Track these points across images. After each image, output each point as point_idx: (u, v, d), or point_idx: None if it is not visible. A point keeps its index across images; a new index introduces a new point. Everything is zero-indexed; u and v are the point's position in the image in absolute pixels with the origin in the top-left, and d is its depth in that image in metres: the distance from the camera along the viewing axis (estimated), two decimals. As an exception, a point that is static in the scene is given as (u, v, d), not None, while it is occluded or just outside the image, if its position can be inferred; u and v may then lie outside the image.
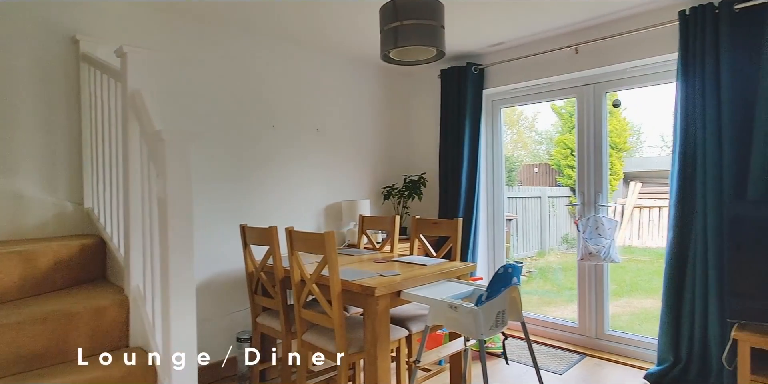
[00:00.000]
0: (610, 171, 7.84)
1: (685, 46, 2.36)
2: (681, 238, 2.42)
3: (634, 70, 2.81)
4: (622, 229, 7.55)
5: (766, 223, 2.06)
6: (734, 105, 2.22)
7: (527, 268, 6.48)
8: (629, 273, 5.93)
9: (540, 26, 2.85)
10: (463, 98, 3.39)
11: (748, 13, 2.20)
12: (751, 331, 2.09)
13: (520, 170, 9.65)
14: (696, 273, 2.34)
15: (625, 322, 4.09)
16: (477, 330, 1.80)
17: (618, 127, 7.49)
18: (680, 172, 2.40)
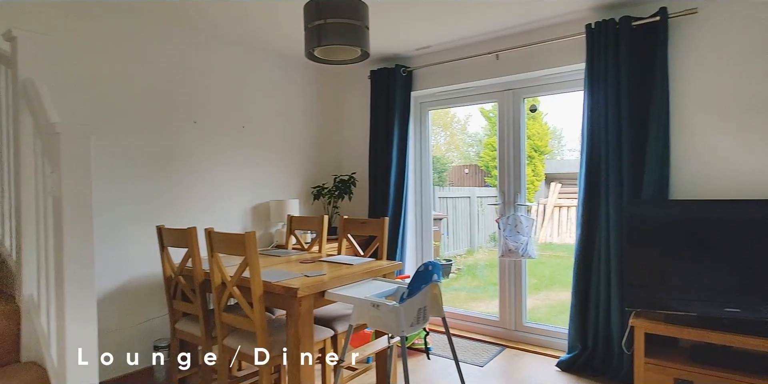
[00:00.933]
0: (533, 172, 8.37)
1: (591, 57, 2.56)
2: (587, 235, 2.62)
3: (549, 78, 2.99)
4: (544, 227, 8.05)
5: (656, 221, 2.29)
6: (632, 113, 2.44)
7: (456, 265, 6.69)
8: (549, 268, 6.32)
9: (464, 32, 2.96)
10: (392, 99, 3.44)
11: (644, 29, 2.43)
12: (645, 318, 2.30)
13: (451, 171, 9.97)
14: (600, 267, 2.55)
15: (543, 314, 4.36)
16: (398, 327, 1.83)
17: (540, 131, 7.98)
18: (587, 174, 2.60)
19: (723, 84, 2.32)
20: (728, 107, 2.31)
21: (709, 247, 2.19)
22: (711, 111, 2.36)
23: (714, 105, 2.35)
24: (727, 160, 2.32)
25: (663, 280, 2.27)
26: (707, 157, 2.37)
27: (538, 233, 7.95)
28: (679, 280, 2.23)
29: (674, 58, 2.44)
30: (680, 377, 2.15)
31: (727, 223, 2.15)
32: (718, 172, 2.35)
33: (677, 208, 2.27)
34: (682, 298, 2.22)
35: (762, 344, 1.98)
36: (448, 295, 5.20)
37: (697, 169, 2.40)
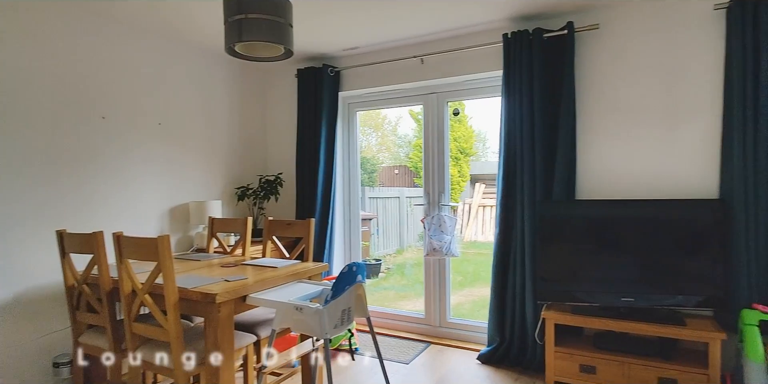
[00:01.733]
0: (459, 173, 8.66)
1: (508, 64, 2.71)
2: (505, 233, 2.76)
3: (471, 83, 3.12)
4: (469, 226, 8.39)
5: (565, 220, 2.47)
6: (544, 119, 2.62)
7: (386, 264, 6.78)
8: (473, 265, 6.59)
9: (390, 35, 3.00)
10: (320, 99, 3.41)
11: (554, 41, 2.61)
12: (555, 310, 2.48)
13: (381, 171, 10.09)
14: (516, 263, 2.70)
15: (467, 309, 4.54)
16: (322, 330, 1.82)
17: (466, 134, 8.31)
18: (504, 176, 2.74)
19: (619, 94, 2.56)
20: (624, 115, 2.55)
21: (610, 243, 2.40)
22: (610, 119, 2.59)
23: (612, 113, 2.58)
24: (625, 164, 2.56)
25: (571, 274, 2.45)
26: (608, 160, 2.60)
27: (463, 232, 8.27)
28: (585, 274, 2.43)
29: (580, 69, 2.65)
30: (585, 363, 2.34)
31: (625, 220, 2.38)
32: (617, 174, 2.58)
33: (582, 208, 2.47)
34: (587, 290, 2.41)
35: (652, 329, 2.21)
36: (378, 295, 5.25)
37: (600, 172, 2.62)
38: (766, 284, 2.15)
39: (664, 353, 2.24)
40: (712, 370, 2.07)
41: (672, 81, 2.43)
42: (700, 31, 2.36)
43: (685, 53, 2.40)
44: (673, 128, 2.44)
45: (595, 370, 2.31)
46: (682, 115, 2.42)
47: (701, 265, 2.23)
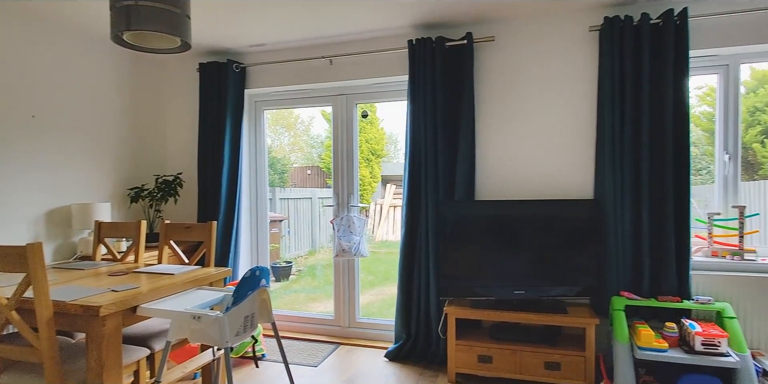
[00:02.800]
0: (370, 174, 8.77)
1: (413, 70, 2.80)
2: (411, 232, 2.85)
3: (379, 86, 3.18)
4: (381, 226, 8.54)
5: (465, 219, 2.62)
6: (446, 124, 2.75)
7: (297, 266, 6.66)
8: (384, 264, 6.72)
9: (297, 34, 2.96)
10: (224, 96, 3.25)
11: (456, 49, 2.76)
12: (457, 306, 2.61)
13: (293, 172, 9.90)
14: (421, 261, 2.80)
15: (377, 308, 4.62)
16: (222, 338, 1.73)
17: (377, 136, 8.46)
18: (409, 177, 2.83)
19: (514, 102, 2.77)
20: (518, 122, 2.77)
21: (505, 240, 2.58)
22: (506, 125, 2.79)
23: (508, 120, 2.78)
24: (519, 167, 2.78)
25: (471, 270, 2.60)
26: (505, 163, 2.80)
27: (375, 232, 8.41)
28: (483, 270, 2.59)
29: (479, 77, 2.82)
30: (482, 354, 2.49)
31: (519, 219, 2.57)
32: (513, 176, 2.79)
33: (481, 208, 2.64)
34: (485, 285, 2.58)
35: (540, 319, 2.42)
36: (288, 298, 5.14)
37: (497, 174, 2.82)
38: (630, 274, 2.46)
39: (550, 340, 2.46)
40: (588, 352, 2.33)
41: (559, 93, 2.69)
42: (579, 49, 2.64)
43: (568, 68, 2.67)
44: (559, 136, 2.69)
45: (492, 359, 2.48)
46: (566, 125, 2.68)
47: (581, 258, 2.49)
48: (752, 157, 6.18)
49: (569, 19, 2.65)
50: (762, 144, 6.07)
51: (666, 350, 2.12)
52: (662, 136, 2.37)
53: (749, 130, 6.24)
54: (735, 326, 2.12)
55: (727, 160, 2.54)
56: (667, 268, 2.35)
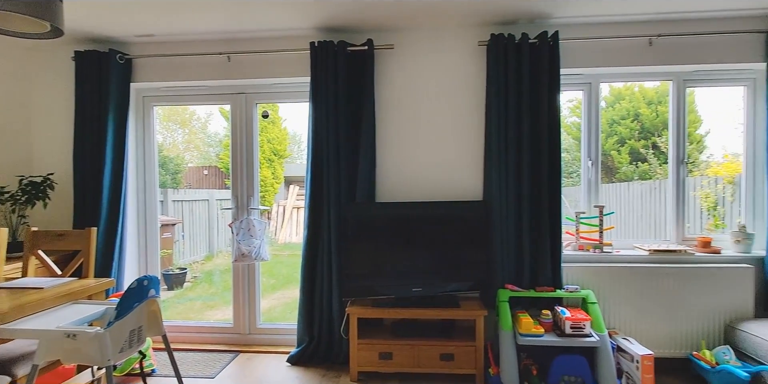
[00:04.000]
0: (273, 175, 8.54)
1: (315, 72, 2.81)
2: (313, 234, 2.85)
3: (280, 86, 3.12)
4: (284, 228, 8.36)
5: (366, 221, 2.68)
6: (348, 127, 2.79)
7: (193, 273, 6.27)
8: (287, 267, 6.59)
9: (191, 27, 2.80)
10: (106, 89, 2.96)
11: (357, 55, 2.81)
12: (359, 305, 2.67)
13: (188, 172, 9.26)
14: (324, 263, 2.81)
15: (279, 313, 4.52)
16: (103, 356, 1.59)
17: (280, 136, 8.26)
18: (312, 179, 2.83)
19: (412, 109, 2.90)
20: (417, 128, 2.90)
21: (405, 240, 2.69)
22: (406, 130, 2.91)
23: (408, 125, 2.91)
24: (418, 170, 2.91)
25: (373, 270, 2.67)
26: (404, 166, 2.92)
27: (278, 234, 8.20)
28: (385, 269, 2.67)
29: (380, 83, 2.91)
30: (383, 351, 2.58)
31: (417, 219, 2.70)
32: (412, 179, 2.92)
33: (382, 209, 2.72)
34: (386, 284, 2.66)
35: (435, 313, 2.57)
36: (182, 307, 4.81)
37: (397, 177, 2.93)
38: (514, 268, 2.71)
39: (445, 333, 2.63)
40: (478, 341, 2.52)
41: (452, 101, 2.87)
42: (470, 61, 2.85)
43: (460, 78, 2.86)
44: (453, 141, 2.88)
45: (392, 355, 2.57)
46: (459, 131, 2.87)
47: (472, 255, 2.69)
48: (611, 163, 7.18)
49: (461, 33, 2.85)
50: (618, 152, 7.08)
51: (542, 335, 2.38)
52: (539, 143, 2.66)
53: (608, 139, 7.24)
54: (596, 310, 2.45)
55: (590, 165, 2.92)
56: (543, 261, 2.64)
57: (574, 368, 2.35)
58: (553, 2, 2.48)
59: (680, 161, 2.87)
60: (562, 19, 2.72)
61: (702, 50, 2.71)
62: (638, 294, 2.64)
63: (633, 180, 6.52)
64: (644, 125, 6.93)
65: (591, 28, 2.77)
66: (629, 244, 2.93)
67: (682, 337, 2.62)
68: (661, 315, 2.63)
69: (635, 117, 7.03)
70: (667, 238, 2.92)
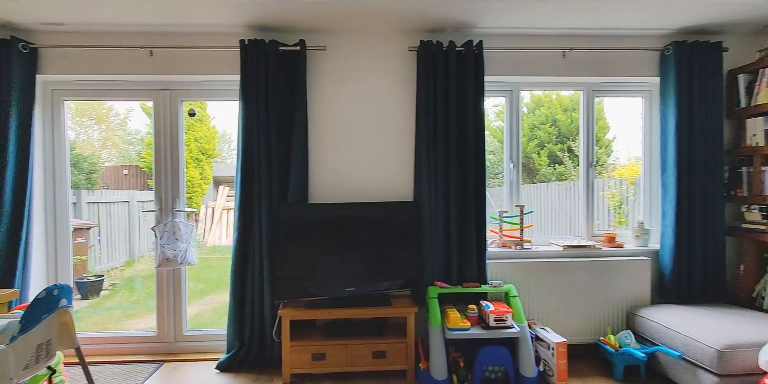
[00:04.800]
0: (201, 175, 8.18)
1: (245, 71, 2.74)
2: (244, 236, 2.78)
3: (209, 84, 3.01)
4: (213, 230, 8.03)
5: (299, 222, 2.67)
6: (280, 127, 2.76)
7: (111, 280, 5.84)
8: (217, 271, 6.35)
9: (106, 17, 2.62)
10: (7, 80, 2.69)
11: (289, 55, 2.78)
12: (291, 307, 2.65)
13: (105, 172, 8.59)
14: (255, 265, 2.75)
15: (208, 319, 4.35)
16: (4, 374, 1.45)
17: (208, 134, 7.91)
18: (242, 179, 2.76)
19: (345, 110, 2.93)
20: (349, 130, 2.93)
21: (338, 241, 2.71)
22: (339, 132, 2.93)
23: (341, 127, 2.93)
24: (351, 172, 2.94)
25: (305, 272, 2.66)
26: (337, 168, 2.94)
27: (207, 237, 7.86)
28: (317, 271, 2.67)
29: (312, 84, 2.90)
30: (316, 352, 2.58)
31: (351, 220, 2.73)
32: (345, 180, 2.94)
33: (315, 210, 2.72)
34: (319, 285, 2.67)
35: (368, 312, 2.61)
36: (99, 317, 4.48)
37: (330, 178, 2.93)
38: (443, 266, 2.83)
39: (377, 331, 2.68)
40: (409, 338, 2.60)
41: (384, 104, 2.94)
42: (401, 65, 2.93)
43: (392, 82, 2.93)
44: (385, 143, 2.94)
45: (325, 356, 2.58)
46: (390, 133, 2.94)
47: (403, 254, 2.77)
48: (532, 165, 7.68)
49: (393, 38, 2.92)
50: (538, 154, 7.59)
51: (468, 329, 2.50)
52: (465, 146, 2.79)
53: (530, 142, 7.74)
54: (517, 303, 2.63)
55: (512, 167, 3.12)
56: (470, 259, 2.78)
57: (497, 358, 2.51)
58: (476, 13, 2.62)
59: (590, 164, 3.15)
60: (486, 30, 2.88)
61: (608, 64, 3.00)
62: (554, 286, 2.86)
63: (551, 181, 7.02)
64: (561, 130, 7.49)
65: (512, 39, 2.96)
66: (547, 241, 3.16)
67: (591, 324, 2.88)
68: (574, 305, 2.87)
69: (553, 122, 7.58)
70: (579, 235, 3.19)
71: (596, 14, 2.63)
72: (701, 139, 2.83)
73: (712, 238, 2.84)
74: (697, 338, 2.28)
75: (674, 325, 2.46)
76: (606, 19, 2.72)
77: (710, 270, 2.85)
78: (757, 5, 2.52)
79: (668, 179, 2.87)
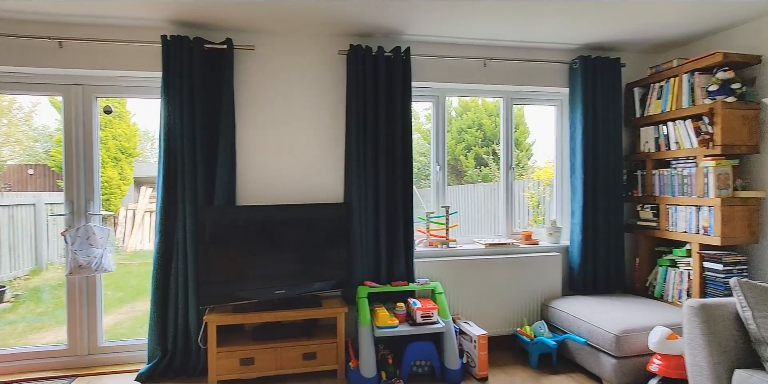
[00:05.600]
0: (120, 176, 7.66)
1: (167, 67, 2.63)
2: (166, 239, 2.67)
3: (127, 80, 2.85)
4: (134, 234, 7.55)
5: (226, 225, 2.61)
6: (205, 127, 2.68)
7: (14, 291, 5.31)
8: (138, 277, 5.99)
9: (11, 4, 2.40)
10: None
11: (216, 53, 2.71)
12: (218, 313, 2.58)
13: (6, 171, 7.77)
14: (179, 270, 2.65)
15: (127, 328, 4.10)
16: None
17: (128, 132, 7.42)
18: (164, 181, 2.65)
19: (275, 112, 2.90)
20: (280, 131, 2.91)
21: (268, 243, 2.68)
22: (268, 132, 2.90)
23: (270, 128, 2.90)
24: (282, 173, 2.92)
25: (233, 275, 2.60)
26: (267, 169, 2.90)
27: (127, 241, 7.36)
28: (246, 274, 2.63)
29: (241, 83, 2.85)
30: (245, 357, 2.54)
31: (281, 222, 2.71)
32: (275, 181, 2.91)
33: (243, 213, 2.67)
34: (248, 289, 2.62)
35: (298, 314, 2.61)
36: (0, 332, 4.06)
37: (259, 179, 2.89)
38: (373, 266, 2.89)
39: (308, 332, 2.69)
40: (339, 338, 2.64)
41: (314, 106, 2.94)
42: (332, 68, 2.96)
43: (322, 84, 2.95)
44: (315, 145, 2.95)
45: (254, 360, 2.54)
46: (321, 135, 2.96)
47: (334, 255, 2.80)
48: (460, 167, 8.02)
49: (322, 41, 2.94)
50: (466, 157, 7.95)
51: (396, 326, 2.59)
52: (393, 149, 2.88)
53: (458, 145, 8.08)
54: (442, 299, 2.75)
55: (438, 169, 3.26)
56: (398, 258, 2.87)
57: (423, 353, 2.61)
58: (404, 21, 2.71)
59: (509, 167, 3.37)
60: (414, 37, 2.98)
61: (524, 74, 3.22)
62: (477, 282, 3.03)
63: (478, 182, 7.37)
64: (486, 134, 7.89)
65: (439, 47, 3.09)
66: (471, 240, 3.34)
67: (510, 316, 3.08)
68: (495, 299, 3.05)
69: (479, 126, 7.97)
70: (500, 233, 3.40)
71: (513, 27, 2.82)
72: (604, 145, 3.14)
73: (613, 235, 3.16)
74: (599, 325, 2.53)
75: (581, 314, 2.71)
76: (522, 33, 2.92)
77: (612, 263, 3.17)
78: (648, 28, 2.84)
79: (576, 181, 3.14)
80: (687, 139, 2.79)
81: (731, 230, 2.58)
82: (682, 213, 2.83)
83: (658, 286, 3.04)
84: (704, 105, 2.66)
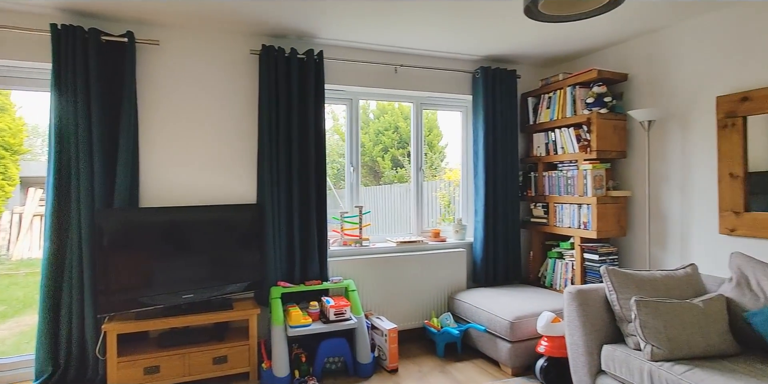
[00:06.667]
0: (2, 175, 6.84)
1: (58, 58, 2.44)
2: (58, 246, 2.47)
3: (12, 70, 2.60)
4: (20, 240, 6.78)
5: (127, 228, 2.48)
6: (103, 125, 2.52)
7: None
8: (25, 289, 5.41)
9: None
10: None
11: (114, 46, 2.56)
12: (118, 321, 2.45)
13: None
14: (73, 279, 2.47)
15: (11, 345, 3.71)
16: None
17: (13, 127, 6.62)
18: (55, 182, 2.45)
19: (182, 110, 2.80)
20: (187, 131, 2.82)
21: (174, 247, 2.59)
22: (174, 132, 2.79)
23: (177, 128, 2.79)
24: (189, 174, 2.82)
25: (137, 281, 2.48)
26: (173, 170, 2.79)
27: (11, 249, 6.58)
28: (152, 279, 2.51)
29: (143, 79, 2.72)
30: (149, 365, 2.43)
31: (188, 224, 2.63)
32: (182, 183, 2.81)
33: (147, 215, 2.55)
34: (153, 295, 2.51)
35: (208, 318, 2.56)
36: None
37: (165, 180, 2.78)
38: (286, 266, 2.90)
39: (218, 336, 2.64)
40: (252, 340, 2.62)
41: (224, 106, 2.89)
42: (243, 67, 2.93)
43: (233, 84, 2.91)
44: (227, 145, 2.90)
45: (159, 368, 2.44)
46: (233, 135, 2.91)
47: (246, 257, 2.76)
48: (378, 168, 8.21)
49: (234, 40, 2.90)
50: (383, 158, 8.16)
51: (309, 324, 2.63)
52: (307, 150, 2.92)
53: (376, 147, 8.27)
54: (355, 296, 2.84)
55: (352, 171, 3.35)
56: (311, 258, 2.91)
57: (336, 349, 2.68)
58: (316, 24, 2.76)
59: (419, 168, 3.55)
60: (327, 41, 3.04)
61: (433, 81, 3.42)
62: (388, 279, 3.16)
63: (394, 183, 7.61)
64: (402, 136, 8.17)
65: (352, 51, 3.18)
66: (384, 238, 3.47)
67: (419, 310, 3.25)
68: (405, 294, 3.21)
69: (395, 129, 8.22)
70: (411, 231, 3.57)
71: (421, 37, 2.99)
72: (503, 149, 3.43)
73: (511, 231, 3.46)
74: (496, 313, 2.77)
75: (481, 304, 2.94)
76: (430, 43, 3.10)
77: (510, 257, 3.47)
78: (538, 44, 3.15)
79: (479, 182, 3.40)
80: (570, 145, 3.15)
81: (605, 225, 2.96)
82: (567, 210, 3.18)
83: (549, 276, 3.39)
84: (583, 115, 3.03)
